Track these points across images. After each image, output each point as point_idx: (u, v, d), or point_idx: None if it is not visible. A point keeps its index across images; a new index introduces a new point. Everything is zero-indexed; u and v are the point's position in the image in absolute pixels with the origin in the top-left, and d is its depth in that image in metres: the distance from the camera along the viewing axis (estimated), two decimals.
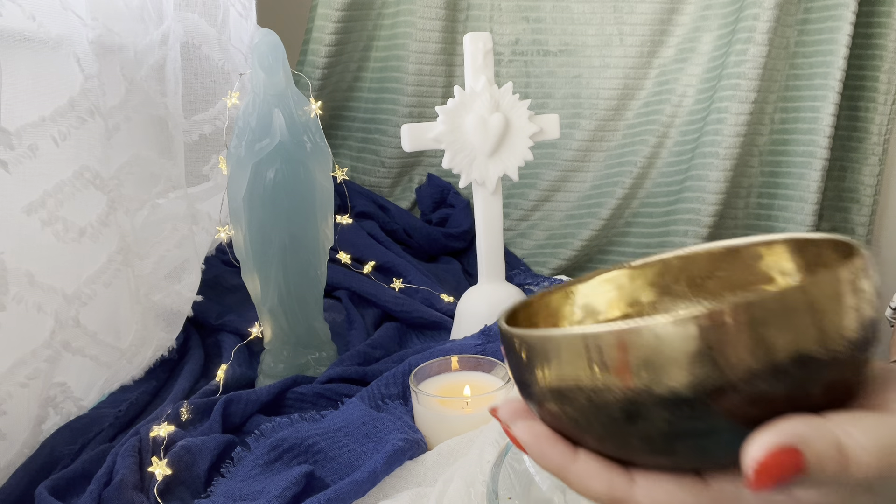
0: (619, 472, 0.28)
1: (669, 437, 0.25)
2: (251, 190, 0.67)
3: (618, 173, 1.12)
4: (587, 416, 0.26)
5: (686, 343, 0.24)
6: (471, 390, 0.60)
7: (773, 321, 0.24)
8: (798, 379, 0.24)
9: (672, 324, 0.24)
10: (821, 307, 0.24)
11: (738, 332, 0.23)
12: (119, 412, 0.66)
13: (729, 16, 1.03)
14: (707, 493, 0.27)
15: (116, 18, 0.71)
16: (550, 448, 0.28)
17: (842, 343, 0.24)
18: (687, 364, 0.24)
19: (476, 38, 0.74)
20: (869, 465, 0.24)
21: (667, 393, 0.24)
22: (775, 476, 0.24)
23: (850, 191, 1.06)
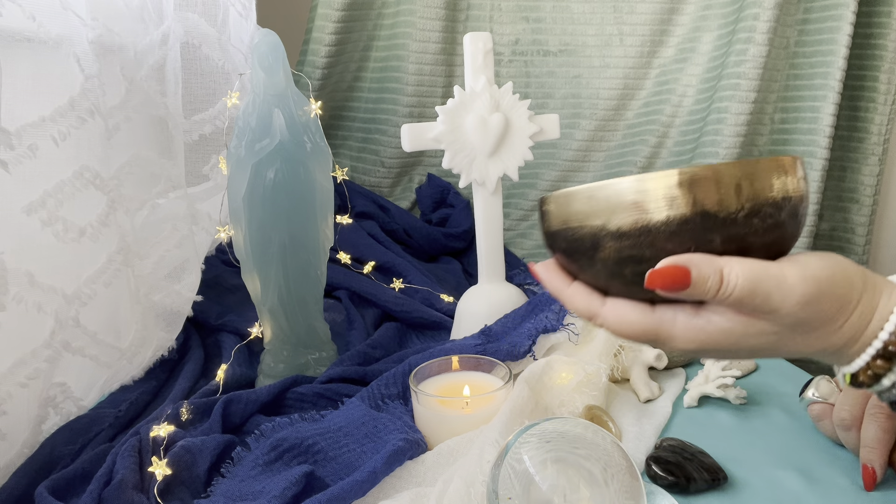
0: (597, 296, 0.40)
1: (618, 262, 0.38)
2: (251, 190, 0.67)
3: (618, 173, 1.12)
4: (570, 249, 0.40)
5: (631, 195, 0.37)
6: (470, 390, 0.60)
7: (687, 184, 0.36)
8: (701, 228, 0.36)
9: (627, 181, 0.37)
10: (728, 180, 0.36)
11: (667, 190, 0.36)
12: (119, 412, 0.66)
13: (729, 16, 1.03)
14: (652, 314, 0.39)
15: (116, 18, 0.71)
16: (553, 276, 0.42)
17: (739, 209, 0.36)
18: (631, 210, 0.37)
19: (476, 38, 0.74)
20: (741, 287, 0.35)
21: (615, 229, 0.37)
22: (665, 281, 0.36)
23: (850, 191, 1.06)
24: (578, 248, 0.39)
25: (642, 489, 0.45)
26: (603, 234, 0.38)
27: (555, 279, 0.42)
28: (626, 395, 0.67)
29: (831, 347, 0.38)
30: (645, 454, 0.56)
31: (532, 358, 0.68)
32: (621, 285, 0.39)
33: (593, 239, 0.38)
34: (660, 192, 0.36)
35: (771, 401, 0.65)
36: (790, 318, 0.36)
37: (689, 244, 0.37)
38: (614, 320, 0.39)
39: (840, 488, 0.52)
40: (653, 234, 0.37)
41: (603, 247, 0.38)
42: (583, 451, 0.45)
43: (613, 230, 0.37)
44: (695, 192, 0.36)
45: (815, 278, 0.36)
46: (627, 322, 0.39)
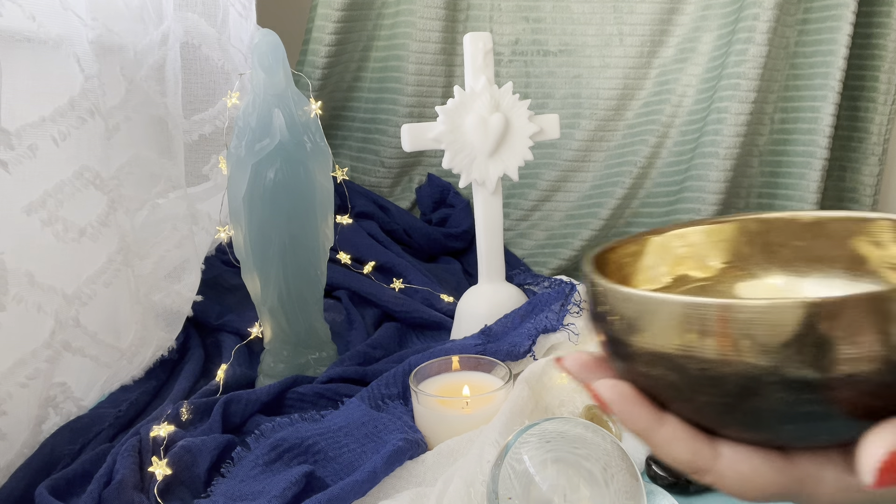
0: (705, 441, 0.28)
1: (781, 417, 0.25)
2: (251, 190, 0.67)
3: (618, 173, 1.12)
4: (693, 384, 0.26)
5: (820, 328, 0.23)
6: (470, 390, 0.60)
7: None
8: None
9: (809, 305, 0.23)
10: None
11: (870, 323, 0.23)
12: (119, 412, 0.66)
13: (729, 16, 1.03)
14: (791, 471, 0.27)
15: (116, 18, 0.71)
16: (638, 410, 0.28)
17: None
18: (822, 349, 0.23)
19: (476, 38, 0.74)
20: None
21: (796, 376, 0.23)
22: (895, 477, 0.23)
23: (850, 191, 1.06)
24: (706, 387, 0.25)
25: (642, 489, 0.45)
26: (769, 379, 0.24)
27: (640, 414, 0.28)
28: None
29: None
30: (645, 454, 0.56)
31: (532, 358, 0.68)
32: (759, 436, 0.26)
33: (747, 382, 0.24)
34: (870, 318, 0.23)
35: None
36: None
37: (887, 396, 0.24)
38: (737, 479, 0.27)
39: None
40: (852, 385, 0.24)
41: (761, 395, 0.24)
42: (583, 451, 0.45)
43: (793, 377, 0.24)
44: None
45: None
46: (756, 483, 0.27)
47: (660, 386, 0.27)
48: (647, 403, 0.28)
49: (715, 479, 0.28)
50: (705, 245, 0.37)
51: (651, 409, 0.28)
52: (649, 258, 0.37)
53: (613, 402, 0.29)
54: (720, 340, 0.24)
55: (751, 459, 0.27)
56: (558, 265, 1.10)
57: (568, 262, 1.11)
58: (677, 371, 0.26)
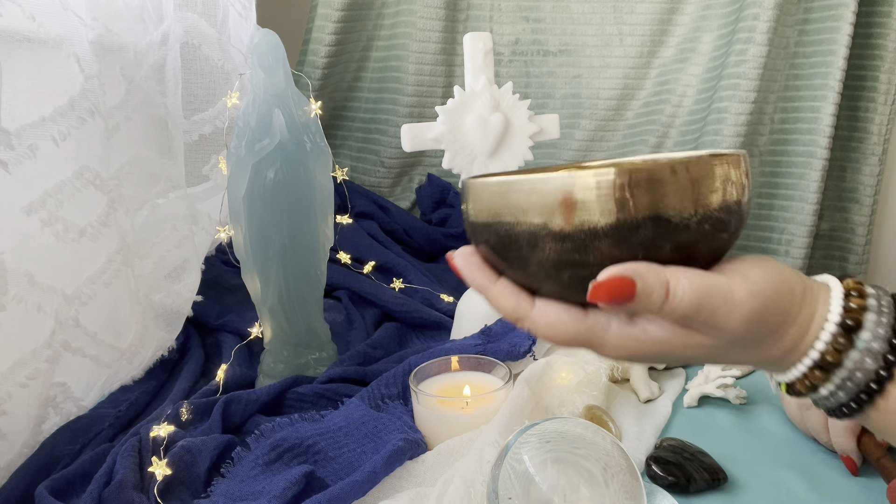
0: (526, 296, 0.36)
1: (556, 265, 0.34)
2: (251, 190, 0.67)
3: None
4: (502, 245, 0.35)
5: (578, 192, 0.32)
6: (470, 390, 0.60)
7: (643, 185, 0.32)
8: (652, 235, 0.32)
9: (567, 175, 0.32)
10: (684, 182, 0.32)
11: (617, 189, 0.32)
12: (119, 412, 0.66)
13: (729, 16, 1.03)
14: (585, 320, 0.35)
15: (116, 18, 0.71)
16: (477, 272, 0.37)
17: (693, 214, 0.32)
18: (574, 209, 0.32)
19: (476, 38, 0.74)
20: (687, 302, 0.32)
21: (557, 229, 0.33)
22: (610, 294, 0.32)
23: (850, 191, 1.06)
24: (511, 246, 0.35)
25: (642, 489, 0.45)
26: (543, 234, 0.33)
27: (479, 275, 0.37)
28: (626, 395, 0.67)
29: (769, 359, 0.36)
30: (645, 454, 0.56)
31: (532, 358, 0.68)
32: (556, 287, 0.35)
33: (531, 238, 0.34)
34: (611, 192, 0.32)
35: (771, 401, 0.65)
36: (732, 333, 0.34)
37: (638, 251, 0.33)
38: (544, 324, 0.36)
39: (840, 488, 0.52)
40: (599, 238, 0.32)
41: (541, 247, 0.34)
42: (583, 451, 0.45)
43: (556, 231, 0.33)
44: (652, 195, 0.32)
45: (761, 293, 0.34)
46: (558, 327, 0.35)
47: (488, 252, 0.36)
48: (486, 268, 0.37)
49: (530, 325, 0.36)
50: None
51: (488, 271, 0.37)
52: None
53: (461, 266, 0.38)
54: (511, 208, 0.34)
55: (556, 309, 0.35)
56: None
57: None
58: (494, 235, 0.35)
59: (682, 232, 0.33)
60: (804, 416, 0.57)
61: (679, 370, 0.71)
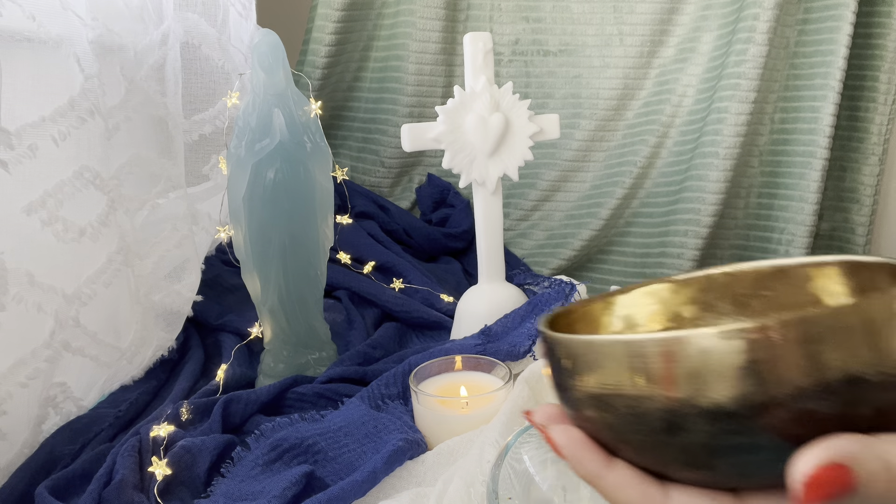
0: (655, 484, 0.28)
1: (710, 450, 0.25)
2: (251, 190, 0.67)
3: (618, 173, 1.12)
4: (626, 424, 0.26)
5: (733, 356, 0.23)
6: (471, 390, 0.60)
7: (825, 339, 0.23)
8: (848, 399, 0.24)
9: (719, 335, 0.23)
10: (874, 327, 0.24)
11: (788, 349, 0.23)
12: (119, 412, 0.66)
13: (729, 16, 1.03)
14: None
15: (116, 18, 0.71)
16: (587, 454, 0.29)
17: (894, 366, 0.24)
18: (733, 378, 0.23)
19: (476, 38, 0.74)
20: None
21: (710, 406, 0.24)
22: (825, 492, 0.23)
23: (850, 191, 1.06)
24: (636, 425, 0.26)
25: None
26: (687, 411, 0.25)
27: (589, 458, 0.29)
28: None
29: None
30: None
31: (532, 358, 0.68)
32: (701, 476, 0.26)
33: (669, 417, 0.25)
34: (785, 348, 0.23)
35: None
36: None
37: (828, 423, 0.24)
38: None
39: None
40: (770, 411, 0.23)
41: (686, 429, 0.25)
42: None
43: (708, 407, 0.24)
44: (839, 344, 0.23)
45: None
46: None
47: (601, 429, 0.28)
48: (596, 448, 0.29)
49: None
50: (674, 302, 0.37)
51: (600, 453, 0.28)
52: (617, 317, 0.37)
53: (564, 446, 0.29)
54: (637, 377, 0.25)
55: (700, 501, 0.27)
56: (558, 265, 1.10)
57: (568, 262, 1.11)
58: (610, 411, 0.26)
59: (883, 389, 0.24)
60: None
61: None
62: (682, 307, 0.37)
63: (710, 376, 0.24)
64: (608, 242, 1.13)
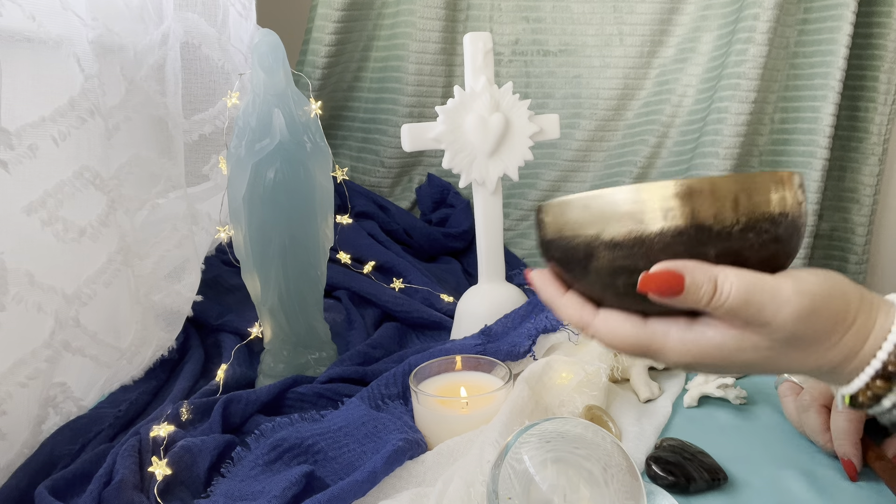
0: (590, 307, 0.40)
1: (611, 271, 0.38)
2: (251, 190, 0.67)
3: (618, 173, 1.11)
4: (565, 259, 0.40)
5: (626, 206, 0.37)
6: (471, 390, 0.60)
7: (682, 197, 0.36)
8: (696, 241, 0.36)
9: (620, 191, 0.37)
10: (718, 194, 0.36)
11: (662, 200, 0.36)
12: (119, 412, 0.66)
13: (729, 16, 1.03)
14: (644, 327, 0.38)
15: (116, 18, 0.71)
16: (547, 285, 0.42)
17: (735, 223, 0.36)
18: (624, 221, 0.37)
19: (476, 38, 0.74)
20: (734, 296, 0.35)
21: (609, 239, 0.37)
22: (659, 286, 0.35)
23: (850, 191, 1.06)
24: (572, 258, 0.39)
25: (642, 489, 0.45)
26: (597, 243, 0.37)
27: (549, 288, 0.41)
28: (626, 395, 0.67)
29: (827, 365, 0.37)
30: (645, 454, 0.56)
31: (532, 358, 0.68)
32: (614, 296, 0.39)
33: (587, 249, 0.38)
34: (655, 204, 0.36)
35: (771, 401, 0.65)
36: (783, 331, 0.35)
37: (684, 257, 0.36)
38: (606, 332, 0.39)
39: (840, 488, 0.52)
40: (647, 245, 0.36)
41: (597, 256, 0.38)
42: (583, 451, 0.45)
43: (607, 240, 0.37)
44: (691, 205, 0.36)
45: (810, 293, 0.35)
46: (619, 334, 0.38)
47: (560, 268, 0.41)
48: (556, 282, 0.42)
49: (593, 332, 0.40)
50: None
51: (558, 285, 0.42)
52: None
53: (534, 281, 0.42)
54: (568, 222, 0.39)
55: (617, 318, 0.39)
56: None
57: None
58: (560, 250, 0.40)
59: (724, 239, 0.36)
60: (802, 418, 0.57)
61: (678, 370, 0.71)
62: None
63: (611, 220, 0.37)
64: None
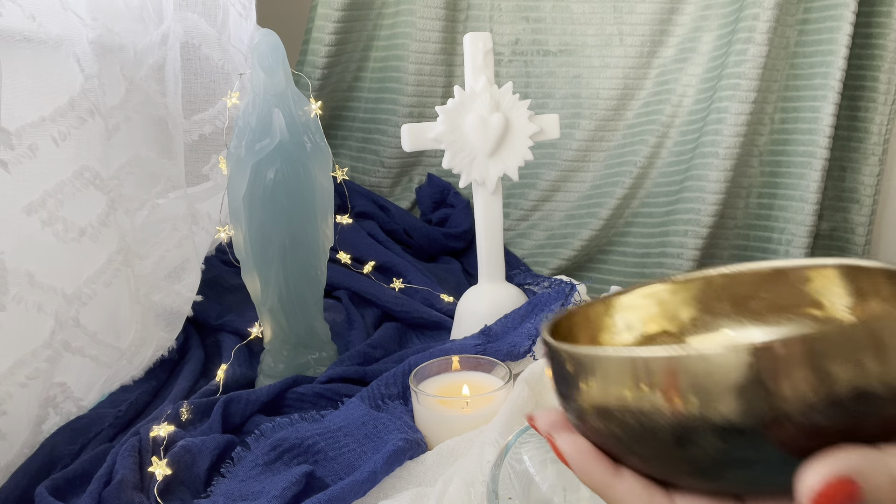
0: (660, 492, 0.28)
1: (718, 463, 0.25)
2: (251, 190, 0.67)
3: (618, 173, 1.12)
4: (633, 437, 0.26)
5: (742, 372, 0.23)
6: (471, 390, 0.60)
7: (831, 355, 0.23)
8: (855, 413, 0.24)
9: (727, 352, 0.24)
10: (883, 343, 0.24)
11: (796, 365, 0.23)
12: (119, 412, 0.66)
13: (729, 16, 1.03)
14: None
15: (116, 18, 0.71)
16: (594, 465, 0.29)
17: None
18: (742, 394, 0.24)
19: (476, 38, 0.74)
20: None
21: (720, 421, 0.24)
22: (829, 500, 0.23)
23: (850, 191, 1.06)
24: (644, 438, 0.26)
25: None
26: (696, 425, 0.25)
27: (596, 469, 0.29)
28: None
29: None
30: None
31: (532, 358, 0.68)
32: (707, 485, 0.27)
33: (677, 431, 0.25)
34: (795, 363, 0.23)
35: None
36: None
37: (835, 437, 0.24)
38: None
39: None
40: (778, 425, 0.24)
41: (694, 443, 0.25)
42: None
43: (716, 422, 0.24)
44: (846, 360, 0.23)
45: None
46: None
47: (609, 440, 0.28)
48: (604, 458, 0.29)
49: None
50: (673, 303, 0.37)
51: (607, 463, 0.29)
52: (618, 318, 0.37)
53: (571, 457, 0.29)
54: (647, 391, 0.25)
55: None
56: (558, 265, 1.10)
57: (568, 262, 1.11)
58: (616, 423, 0.27)
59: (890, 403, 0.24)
60: None
61: None
62: (681, 308, 0.37)
63: (717, 392, 0.24)
64: (608, 242, 1.13)
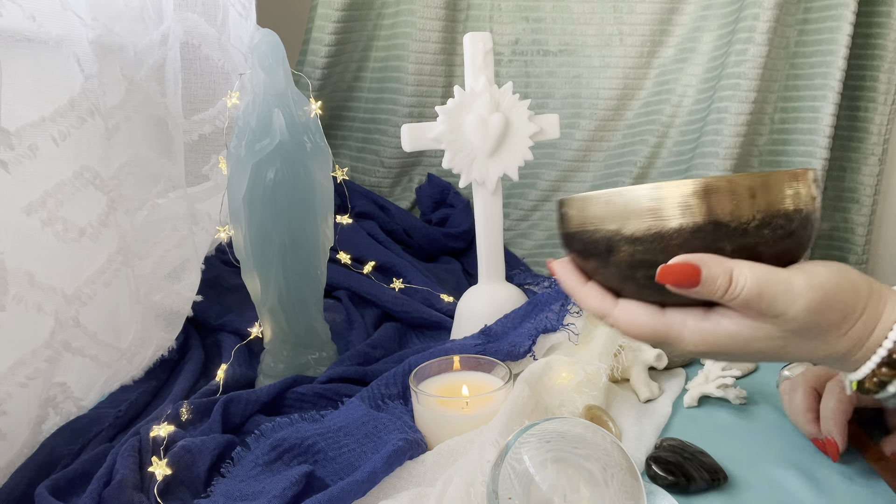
0: (610, 297, 0.42)
1: (631, 265, 0.40)
2: (251, 190, 0.67)
3: (618, 173, 1.11)
4: (586, 250, 0.42)
5: (646, 203, 0.38)
6: (471, 390, 0.60)
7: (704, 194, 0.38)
8: (713, 236, 0.38)
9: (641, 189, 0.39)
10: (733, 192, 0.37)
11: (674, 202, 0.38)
12: (119, 412, 0.66)
13: (729, 16, 1.03)
14: (662, 317, 0.40)
15: (116, 18, 0.71)
16: (569, 275, 0.44)
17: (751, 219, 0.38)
18: (644, 217, 0.39)
19: (476, 38, 0.74)
20: (749, 289, 0.37)
21: (629, 234, 0.39)
22: (677, 278, 0.37)
23: (850, 191, 1.06)
24: (594, 251, 0.41)
25: (642, 489, 0.45)
26: (618, 238, 0.39)
27: (570, 278, 0.44)
28: (626, 395, 0.67)
29: (835, 354, 0.39)
30: (645, 454, 0.56)
31: (532, 358, 0.68)
32: (634, 287, 0.41)
33: (608, 242, 0.40)
34: (675, 200, 0.38)
35: (771, 401, 0.65)
36: (795, 323, 0.37)
37: (701, 251, 0.38)
38: (625, 321, 0.41)
39: (840, 488, 0.52)
40: (665, 240, 0.38)
41: (617, 250, 0.40)
42: (583, 451, 0.45)
43: (628, 235, 0.39)
44: (708, 202, 0.38)
45: (821, 286, 0.37)
46: (638, 323, 0.40)
47: (580, 259, 0.43)
48: (578, 273, 0.44)
49: (613, 321, 0.42)
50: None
51: (579, 275, 0.44)
52: None
53: (557, 271, 0.45)
54: (590, 216, 0.41)
55: (636, 307, 0.41)
56: None
57: None
58: (582, 243, 0.42)
59: (740, 235, 0.38)
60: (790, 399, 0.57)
61: (679, 370, 0.71)
62: None
63: (632, 215, 0.39)
64: None
